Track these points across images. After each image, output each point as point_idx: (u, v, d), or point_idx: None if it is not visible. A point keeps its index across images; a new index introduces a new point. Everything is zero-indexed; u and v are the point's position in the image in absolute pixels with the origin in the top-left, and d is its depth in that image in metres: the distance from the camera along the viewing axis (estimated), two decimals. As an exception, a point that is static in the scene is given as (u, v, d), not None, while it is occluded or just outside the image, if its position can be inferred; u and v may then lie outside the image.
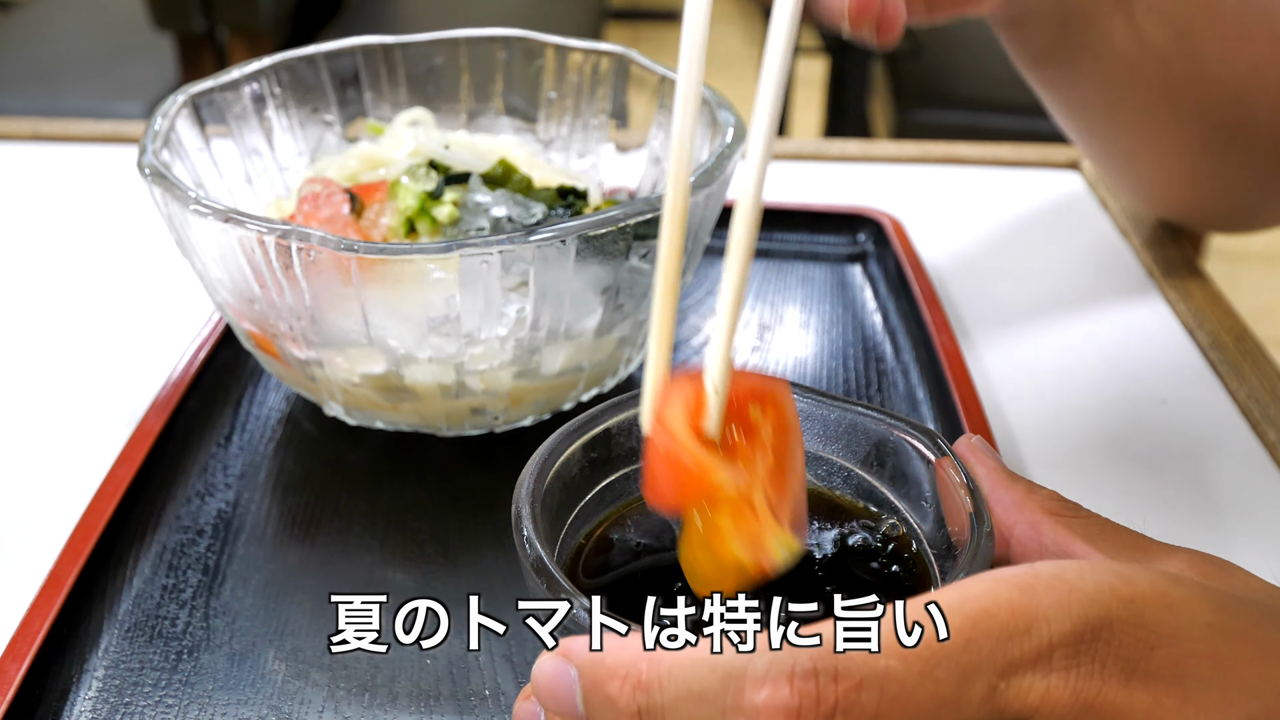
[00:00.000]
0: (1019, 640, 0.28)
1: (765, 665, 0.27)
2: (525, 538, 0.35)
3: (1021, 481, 0.36)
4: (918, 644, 0.28)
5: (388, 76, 0.66)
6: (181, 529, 0.53)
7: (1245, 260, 2.46)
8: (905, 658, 0.27)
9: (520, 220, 0.56)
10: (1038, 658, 0.28)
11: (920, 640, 0.28)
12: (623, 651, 0.29)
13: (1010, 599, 0.28)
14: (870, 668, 0.27)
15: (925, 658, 0.28)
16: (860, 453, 0.40)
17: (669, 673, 0.28)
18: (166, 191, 0.50)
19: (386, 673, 0.45)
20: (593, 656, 0.29)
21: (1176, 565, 0.33)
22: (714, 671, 0.28)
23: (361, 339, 0.51)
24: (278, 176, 0.64)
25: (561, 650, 0.30)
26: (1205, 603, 0.30)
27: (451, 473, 0.56)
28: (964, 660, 0.28)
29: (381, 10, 2.07)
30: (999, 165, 0.89)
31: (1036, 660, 0.28)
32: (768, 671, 0.27)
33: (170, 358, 0.62)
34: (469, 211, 0.56)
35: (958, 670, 0.28)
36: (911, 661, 0.27)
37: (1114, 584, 0.29)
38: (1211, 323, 0.68)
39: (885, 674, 0.27)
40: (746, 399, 0.36)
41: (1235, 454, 0.59)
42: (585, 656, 0.30)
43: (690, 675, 0.28)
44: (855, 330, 0.68)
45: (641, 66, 0.63)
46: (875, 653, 0.27)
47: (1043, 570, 0.30)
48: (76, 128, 0.91)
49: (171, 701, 0.44)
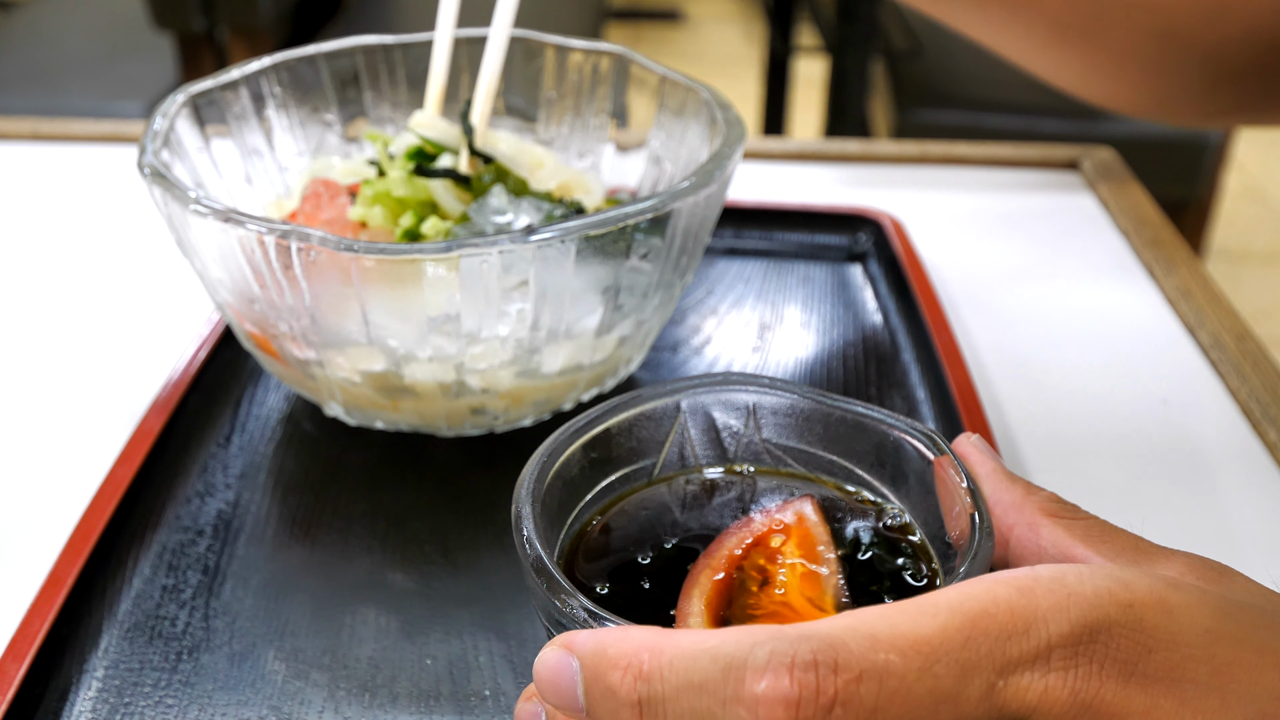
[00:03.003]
0: (1018, 640, 0.28)
1: (766, 656, 0.27)
2: (525, 538, 0.35)
3: (1020, 482, 0.36)
4: (918, 641, 0.28)
5: (388, 76, 0.66)
6: (181, 529, 0.53)
7: (1245, 260, 2.46)
8: (905, 653, 0.28)
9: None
10: (1036, 658, 0.28)
11: (921, 637, 0.28)
12: (625, 643, 0.29)
13: (1010, 600, 0.29)
14: (870, 661, 0.27)
15: (925, 653, 0.28)
16: (860, 453, 0.40)
17: (670, 663, 0.28)
18: (166, 191, 0.50)
19: (386, 673, 0.46)
20: (595, 647, 0.30)
21: (1175, 569, 0.33)
22: (715, 662, 0.28)
23: (361, 339, 0.51)
24: (278, 176, 0.64)
25: (563, 642, 0.30)
26: (1203, 608, 0.30)
27: (451, 473, 0.56)
28: (963, 657, 0.28)
29: (381, 10, 2.07)
30: (999, 165, 0.89)
31: (1035, 660, 0.28)
32: (768, 662, 0.27)
33: (170, 358, 0.62)
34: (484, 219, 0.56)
35: (957, 667, 0.28)
36: (911, 656, 0.28)
37: (1113, 588, 0.29)
38: (1212, 323, 0.68)
39: (885, 668, 0.27)
40: (768, 535, 0.38)
41: (1235, 454, 0.59)
42: (587, 647, 0.30)
43: (691, 666, 0.28)
44: (855, 330, 0.68)
45: (641, 66, 0.63)
46: (876, 646, 0.28)
47: (1042, 573, 0.30)
48: (76, 127, 0.91)
49: (171, 701, 0.44)
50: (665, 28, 3.72)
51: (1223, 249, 2.46)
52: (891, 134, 1.76)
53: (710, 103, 0.58)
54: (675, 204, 0.50)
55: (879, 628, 0.28)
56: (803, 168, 0.88)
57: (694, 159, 0.60)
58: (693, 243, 0.54)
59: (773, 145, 0.90)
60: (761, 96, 2.31)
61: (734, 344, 0.66)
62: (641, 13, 3.77)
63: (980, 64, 1.84)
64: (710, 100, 0.58)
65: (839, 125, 1.96)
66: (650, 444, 0.41)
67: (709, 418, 0.42)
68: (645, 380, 0.62)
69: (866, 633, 0.28)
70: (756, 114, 2.36)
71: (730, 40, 3.64)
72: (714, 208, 0.55)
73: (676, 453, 0.42)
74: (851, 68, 1.91)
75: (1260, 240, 2.55)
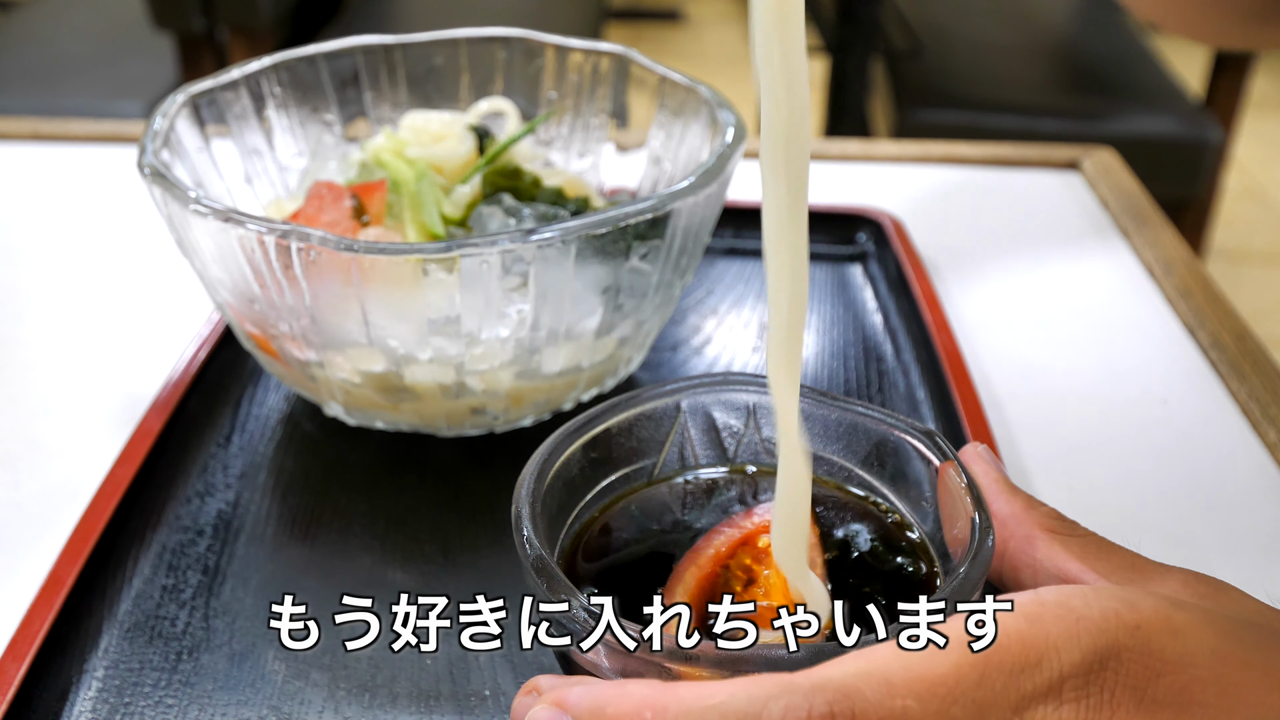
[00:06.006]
0: (1030, 673, 0.28)
1: (781, 712, 0.27)
2: (525, 538, 0.35)
3: (1021, 495, 0.36)
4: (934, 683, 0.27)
5: (388, 76, 0.66)
6: (181, 529, 0.53)
7: (1245, 260, 2.46)
8: (922, 697, 0.27)
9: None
10: (1049, 690, 0.28)
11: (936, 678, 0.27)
12: (624, 701, 0.28)
13: (1020, 630, 0.28)
14: (887, 709, 0.27)
15: (941, 695, 0.27)
16: (860, 453, 0.40)
17: None
18: (166, 191, 0.50)
19: (386, 673, 0.45)
20: (591, 706, 0.28)
21: (1172, 586, 0.33)
22: (725, 718, 0.27)
23: (361, 339, 0.51)
24: (278, 176, 0.64)
25: (555, 699, 0.29)
26: (1209, 628, 0.30)
27: (451, 473, 0.56)
28: (979, 696, 0.28)
29: (381, 10, 2.07)
30: (999, 165, 0.89)
31: (1048, 693, 0.28)
32: (783, 717, 0.27)
33: (170, 358, 0.62)
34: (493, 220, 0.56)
35: (974, 707, 0.27)
36: (928, 700, 0.27)
37: (1119, 610, 0.29)
38: (1212, 323, 0.68)
39: (903, 714, 0.27)
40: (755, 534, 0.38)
41: (1235, 454, 0.59)
42: (583, 707, 0.28)
43: None
44: (855, 330, 0.68)
45: (641, 66, 0.63)
46: (893, 692, 0.27)
47: (1048, 598, 0.30)
48: (76, 127, 0.91)
49: (171, 701, 0.44)
50: (665, 28, 3.72)
51: (1223, 249, 2.46)
52: (891, 134, 1.76)
53: (710, 103, 0.58)
54: (675, 204, 0.50)
55: (893, 671, 0.28)
56: (803, 168, 0.88)
57: (694, 159, 0.60)
58: (693, 243, 0.54)
59: (773, 145, 0.90)
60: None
61: (734, 344, 0.66)
62: (641, 13, 3.77)
63: (980, 64, 1.84)
64: (710, 100, 0.58)
65: (839, 125, 1.96)
66: (650, 444, 0.41)
67: (709, 418, 0.42)
68: (645, 380, 0.62)
69: (881, 678, 0.27)
70: (756, 114, 2.36)
71: (730, 40, 3.63)
72: (714, 208, 0.55)
73: (676, 453, 0.42)
74: (851, 68, 1.91)
75: (1260, 240, 2.55)
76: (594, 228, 0.48)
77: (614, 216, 0.48)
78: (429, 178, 0.58)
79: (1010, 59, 1.88)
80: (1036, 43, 2.01)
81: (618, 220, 0.48)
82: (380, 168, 0.59)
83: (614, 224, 0.48)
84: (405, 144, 0.60)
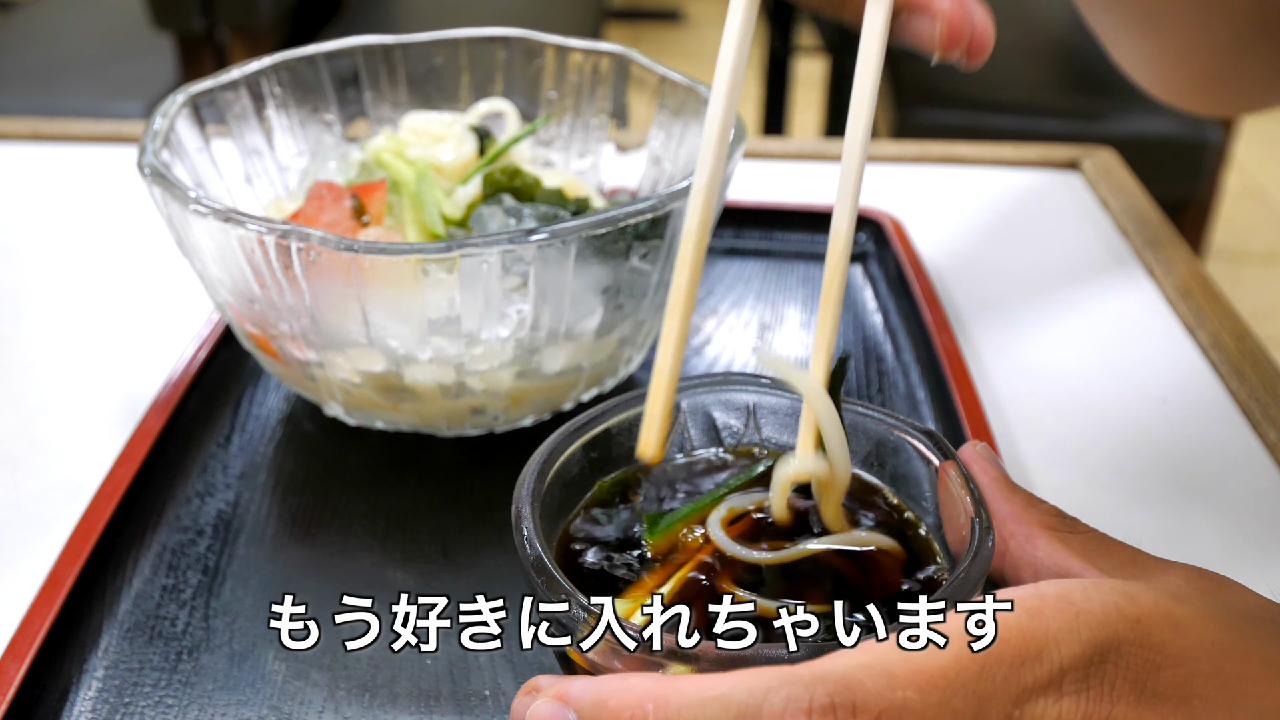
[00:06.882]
0: (1031, 666, 0.28)
1: (782, 703, 0.27)
2: (525, 538, 0.35)
3: (1022, 494, 0.36)
4: (934, 675, 0.27)
5: (388, 76, 0.66)
6: (181, 529, 0.53)
7: (1245, 260, 2.46)
8: (923, 688, 0.27)
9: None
10: (1049, 683, 0.28)
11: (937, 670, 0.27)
12: (626, 693, 0.28)
13: (1020, 623, 0.29)
14: (888, 700, 0.27)
15: (942, 688, 0.27)
16: (860, 453, 0.40)
17: (678, 714, 0.27)
18: (166, 191, 0.50)
19: (386, 673, 0.45)
20: (594, 699, 0.28)
21: (1173, 581, 0.33)
22: (727, 710, 0.27)
23: (361, 339, 0.51)
24: (278, 176, 0.64)
25: (558, 692, 0.29)
26: (1210, 621, 0.30)
27: (451, 473, 0.56)
28: (979, 688, 0.28)
29: (381, 10, 2.07)
30: (999, 165, 0.89)
31: (1048, 686, 0.28)
32: (785, 709, 0.27)
33: (170, 358, 0.62)
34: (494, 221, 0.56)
35: (974, 699, 0.27)
36: (929, 692, 0.27)
37: (1120, 604, 0.29)
38: (1212, 323, 0.68)
39: (904, 706, 0.27)
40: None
41: (1235, 454, 0.59)
42: (585, 699, 0.28)
43: (701, 715, 0.27)
44: (855, 330, 0.68)
45: (641, 66, 0.63)
46: (894, 684, 0.27)
47: (1048, 591, 0.30)
48: (76, 127, 0.91)
49: (171, 701, 0.44)
50: (665, 28, 3.72)
51: (1223, 249, 2.46)
52: (891, 134, 1.76)
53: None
54: (675, 204, 0.50)
55: (894, 663, 0.28)
56: (803, 167, 0.88)
57: (694, 159, 0.59)
58: (693, 243, 0.54)
59: (773, 145, 0.90)
60: (761, 96, 2.31)
61: (734, 344, 0.66)
62: (641, 13, 3.77)
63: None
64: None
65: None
66: (650, 444, 0.41)
67: (709, 418, 0.42)
68: (645, 380, 0.62)
69: (882, 669, 0.27)
70: (756, 114, 2.36)
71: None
72: (714, 208, 0.54)
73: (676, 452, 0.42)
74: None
75: (1260, 240, 2.55)
76: (594, 228, 0.48)
77: (614, 216, 0.48)
78: (429, 178, 0.58)
79: (1010, 59, 1.88)
80: (1036, 43, 2.01)
81: (618, 220, 0.48)
82: (380, 168, 0.59)
83: (614, 224, 0.48)
84: (405, 144, 0.61)
